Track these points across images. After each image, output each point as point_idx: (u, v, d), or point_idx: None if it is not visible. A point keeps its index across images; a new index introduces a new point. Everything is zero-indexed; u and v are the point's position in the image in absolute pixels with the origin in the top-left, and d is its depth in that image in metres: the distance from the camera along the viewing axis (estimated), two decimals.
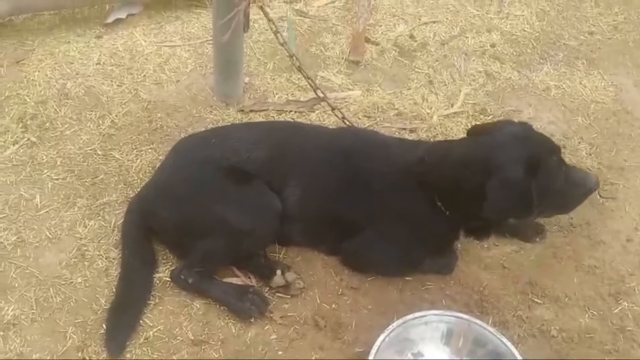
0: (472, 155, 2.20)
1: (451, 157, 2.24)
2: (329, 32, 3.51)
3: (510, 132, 2.23)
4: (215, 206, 2.26)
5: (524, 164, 2.12)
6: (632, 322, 2.35)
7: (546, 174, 2.17)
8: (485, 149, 2.18)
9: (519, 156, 2.13)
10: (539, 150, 2.20)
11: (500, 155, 2.14)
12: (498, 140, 2.20)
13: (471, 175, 2.16)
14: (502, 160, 2.13)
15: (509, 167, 2.12)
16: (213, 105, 3.03)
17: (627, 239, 2.63)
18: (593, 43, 3.62)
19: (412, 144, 2.52)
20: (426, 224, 2.30)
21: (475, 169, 2.16)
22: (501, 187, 2.11)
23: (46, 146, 2.77)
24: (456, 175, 2.19)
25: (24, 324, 2.19)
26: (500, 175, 2.11)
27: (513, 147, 2.16)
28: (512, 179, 2.11)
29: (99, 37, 3.31)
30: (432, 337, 2.15)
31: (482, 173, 2.13)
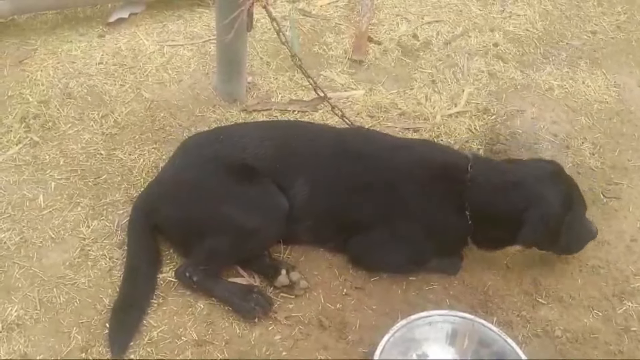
0: (516, 182, 2.30)
1: (498, 177, 2.33)
2: (331, 32, 3.51)
3: (546, 168, 2.40)
4: (222, 205, 2.26)
5: (562, 200, 2.29)
6: (636, 322, 2.35)
7: (575, 212, 2.34)
8: (527, 181, 2.31)
9: (558, 193, 2.30)
10: (572, 190, 2.38)
11: (542, 189, 2.29)
12: (538, 175, 2.34)
13: (512, 202, 2.28)
14: (543, 194, 2.28)
15: (550, 201, 2.27)
16: (216, 105, 3.02)
17: (631, 239, 2.63)
18: (596, 43, 3.61)
19: (442, 149, 2.57)
20: (445, 229, 2.35)
21: (517, 196, 2.28)
22: (539, 219, 2.25)
23: (49, 146, 2.76)
24: (499, 197, 2.30)
25: (27, 325, 2.18)
26: (540, 207, 2.25)
27: (552, 183, 2.33)
28: (551, 213, 2.26)
29: (102, 37, 3.30)
30: (436, 337, 2.15)
31: (522, 202, 2.26)
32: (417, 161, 2.39)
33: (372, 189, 2.34)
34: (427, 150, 2.50)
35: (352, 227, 2.38)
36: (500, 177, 2.33)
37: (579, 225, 2.38)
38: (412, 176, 2.35)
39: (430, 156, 2.44)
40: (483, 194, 2.30)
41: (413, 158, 2.40)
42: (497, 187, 2.30)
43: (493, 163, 2.49)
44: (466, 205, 2.31)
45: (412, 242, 2.36)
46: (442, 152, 2.52)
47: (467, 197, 2.31)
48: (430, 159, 2.41)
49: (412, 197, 2.34)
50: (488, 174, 2.34)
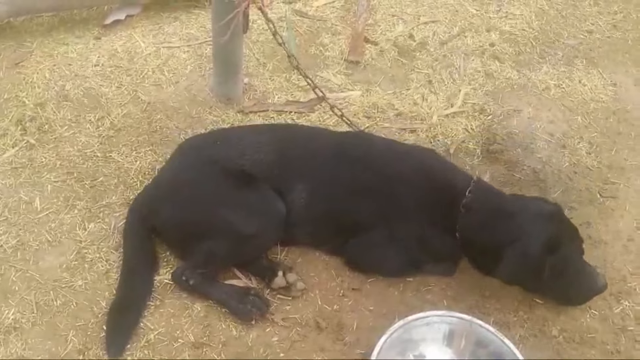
0: (505, 217, 2.27)
1: (490, 209, 2.31)
2: (328, 32, 3.51)
3: (543, 208, 2.33)
4: (220, 208, 2.27)
5: (545, 242, 2.20)
6: (633, 321, 2.35)
7: (562, 258, 2.23)
8: (517, 216, 2.27)
9: (542, 233, 2.22)
10: (563, 234, 2.27)
11: (528, 226, 2.24)
12: (530, 212, 2.29)
13: (497, 235, 2.26)
14: (527, 232, 2.22)
15: (532, 242, 2.20)
16: (212, 106, 3.02)
17: (628, 238, 2.63)
18: (592, 42, 3.61)
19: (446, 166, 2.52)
20: (437, 244, 2.36)
21: (502, 230, 2.26)
22: (516, 256, 2.21)
23: (45, 148, 2.76)
24: (486, 229, 2.28)
25: (24, 328, 2.18)
26: (519, 245, 2.21)
27: (541, 223, 2.25)
28: (529, 253, 2.20)
29: (98, 39, 3.30)
30: (433, 338, 2.15)
31: (505, 237, 2.24)
32: (419, 174, 2.39)
33: (370, 195, 2.35)
34: (431, 164, 2.48)
35: (349, 231, 2.38)
36: (493, 209, 2.31)
37: (575, 272, 2.27)
38: (411, 188, 2.36)
39: (432, 172, 2.42)
40: (473, 222, 2.30)
41: (415, 170, 2.40)
42: (487, 219, 2.28)
43: (492, 194, 2.42)
44: (457, 228, 2.32)
45: (407, 248, 2.37)
46: (445, 169, 2.48)
47: (458, 221, 2.31)
48: (432, 175, 2.41)
49: (409, 208, 2.35)
50: (483, 204, 2.31)
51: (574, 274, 2.27)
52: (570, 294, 2.31)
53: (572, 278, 2.28)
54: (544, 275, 2.21)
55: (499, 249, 2.22)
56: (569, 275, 2.26)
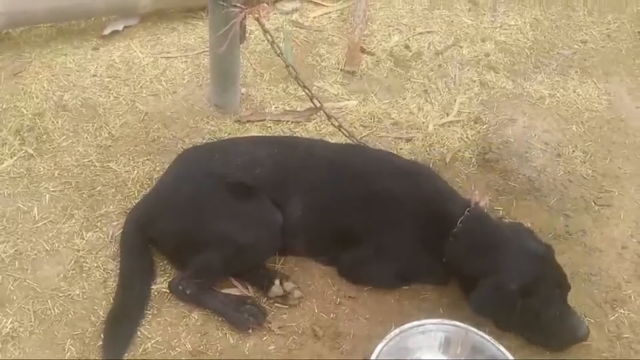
0: (490, 248, 2.27)
1: (478, 241, 2.29)
2: (324, 43, 3.54)
3: (531, 248, 2.29)
4: (217, 219, 2.28)
5: (521, 283, 2.16)
6: (628, 329, 2.36)
7: (537, 303, 2.17)
8: (501, 250, 2.25)
9: (521, 274, 2.18)
10: (543, 279, 2.21)
11: (508, 262, 2.22)
12: (516, 249, 2.26)
13: (477, 266, 2.24)
14: (506, 268, 2.20)
15: (507, 277, 2.17)
16: (210, 116, 3.04)
17: (623, 246, 2.64)
18: (586, 52, 3.65)
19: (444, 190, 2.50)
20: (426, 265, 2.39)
21: (483, 262, 2.24)
22: (489, 288, 2.19)
23: (43, 158, 2.78)
24: (469, 259, 2.28)
25: (22, 337, 2.19)
26: (494, 278, 2.18)
27: (523, 263, 2.22)
28: (502, 288, 2.16)
29: (96, 49, 3.32)
30: (429, 345, 2.16)
31: (485, 267, 2.22)
32: (415, 195, 2.40)
33: (364, 210, 2.37)
34: (429, 186, 2.47)
35: (344, 243, 2.40)
36: (480, 241, 2.29)
37: (553, 319, 2.19)
38: (406, 208, 2.37)
39: (429, 195, 2.42)
40: (458, 252, 2.30)
41: (411, 190, 2.41)
42: (472, 250, 2.28)
43: (484, 225, 2.36)
44: (445, 252, 2.33)
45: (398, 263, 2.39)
46: (443, 193, 2.46)
47: (445, 249, 2.32)
48: (428, 199, 2.41)
49: (402, 226, 2.37)
50: (471, 236, 2.30)
51: (553, 320, 2.20)
52: (548, 340, 2.24)
53: (551, 324, 2.20)
54: (514, 315, 2.16)
55: (476, 279, 2.21)
56: (547, 320, 2.19)
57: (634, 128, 3.22)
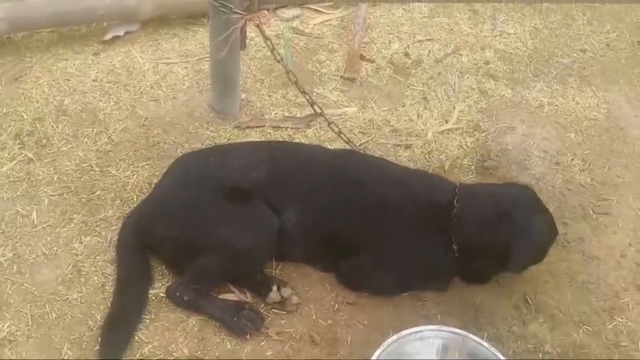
0: (500, 214, 2.32)
1: (482, 210, 2.34)
2: (324, 50, 3.55)
3: (526, 195, 2.45)
4: (214, 224, 2.28)
5: (547, 227, 2.37)
6: (626, 337, 2.36)
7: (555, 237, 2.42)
8: (513, 210, 2.33)
9: (544, 225, 2.37)
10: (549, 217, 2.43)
11: (530, 218, 2.34)
12: (521, 204, 2.38)
13: (499, 234, 2.30)
14: (531, 224, 2.33)
15: (538, 232, 2.34)
16: (210, 122, 3.05)
17: (621, 254, 2.64)
18: (585, 60, 3.66)
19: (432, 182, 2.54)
20: (431, 263, 2.37)
21: (504, 228, 2.30)
22: (527, 248, 2.32)
23: (43, 162, 2.78)
24: (485, 231, 2.31)
25: (19, 341, 2.19)
26: (529, 237, 2.30)
27: (537, 213, 2.38)
28: (539, 242, 2.36)
29: (97, 55, 3.33)
30: (427, 352, 2.15)
31: (509, 233, 2.29)
32: (406, 195, 2.41)
33: (361, 216, 2.37)
34: (418, 182, 2.50)
35: (342, 251, 2.40)
36: (485, 209, 2.34)
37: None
38: (402, 211, 2.37)
39: (421, 190, 2.44)
40: (469, 229, 2.32)
41: (403, 191, 2.42)
42: (483, 221, 2.31)
43: (477, 196, 2.43)
44: (453, 240, 2.34)
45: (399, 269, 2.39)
46: (432, 184, 2.50)
47: (454, 232, 2.33)
48: (421, 194, 2.42)
49: (401, 230, 2.37)
50: (473, 207, 2.34)
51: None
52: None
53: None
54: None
55: (503, 246, 2.27)
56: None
57: (633, 137, 3.23)
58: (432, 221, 2.35)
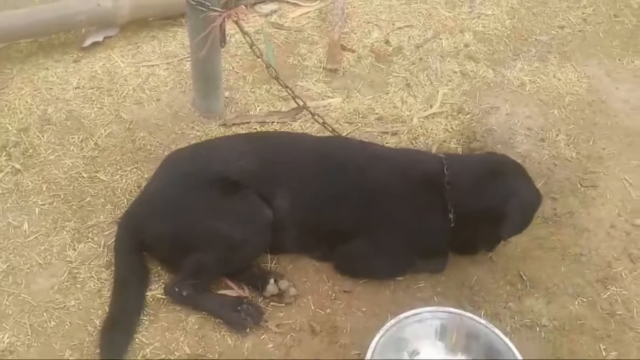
0: (491, 176, 2.38)
1: (473, 174, 2.39)
2: (305, 42, 3.55)
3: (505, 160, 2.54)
4: (207, 218, 2.28)
5: (535, 190, 2.46)
6: (621, 306, 2.39)
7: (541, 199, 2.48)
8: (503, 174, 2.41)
9: (533, 189, 2.46)
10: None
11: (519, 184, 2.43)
12: (508, 167, 2.48)
13: (494, 195, 2.35)
14: (522, 189, 2.41)
15: (529, 196, 2.41)
16: (195, 122, 3.05)
17: (611, 225, 2.68)
18: (564, 37, 3.70)
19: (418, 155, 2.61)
20: (429, 235, 2.39)
21: (497, 190, 2.36)
22: (518, 212, 2.36)
23: (31, 172, 2.77)
24: (481, 193, 2.35)
25: (20, 351, 2.18)
26: (520, 201, 2.36)
27: (525, 179, 2.46)
28: (529, 207, 2.41)
29: (77, 62, 3.31)
30: (426, 334, 2.17)
31: (504, 193, 2.35)
32: (395, 171, 2.42)
33: (353, 199, 2.38)
34: (404, 158, 2.53)
35: (336, 237, 2.41)
36: (477, 173, 2.39)
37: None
38: (392, 187, 2.39)
39: (408, 164, 2.47)
40: (464, 192, 2.35)
41: (392, 168, 2.43)
42: (476, 183, 2.35)
43: (464, 160, 2.55)
44: (449, 208, 2.35)
45: (396, 249, 2.40)
46: (418, 158, 2.55)
47: (449, 199, 2.35)
48: (408, 168, 2.44)
49: (394, 207, 2.37)
50: (465, 172, 2.38)
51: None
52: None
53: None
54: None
55: (498, 208, 2.31)
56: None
57: (615, 109, 3.27)
58: (425, 192, 2.37)
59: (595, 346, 2.27)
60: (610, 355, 2.25)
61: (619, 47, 3.66)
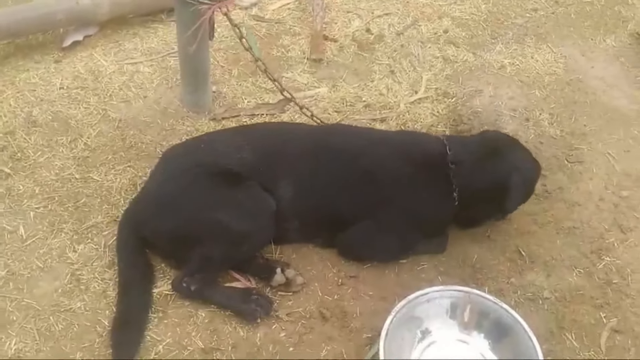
0: (493, 153, 2.44)
1: (475, 152, 2.44)
2: (287, 34, 3.56)
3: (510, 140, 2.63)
4: (211, 210, 2.28)
5: (533, 160, 2.54)
6: (617, 275, 2.48)
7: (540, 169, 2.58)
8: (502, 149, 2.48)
9: (528, 155, 2.56)
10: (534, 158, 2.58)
11: (520, 158, 2.50)
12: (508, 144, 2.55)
13: (497, 171, 2.41)
14: (522, 163, 2.48)
15: (526, 170, 2.48)
16: (184, 117, 3.03)
17: (599, 198, 2.77)
18: (538, 19, 3.79)
19: (419, 136, 2.66)
20: (432, 214, 2.42)
21: (500, 165, 2.43)
22: (520, 186, 2.43)
23: (21, 176, 2.71)
24: (485, 170, 2.41)
25: (29, 356, 2.15)
26: (522, 170, 2.43)
27: (524, 153, 2.55)
28: (530, 180, 2.50)
29: (58, 62, 3.25)
30: (437, 313, 2.22)
31: (506, 169, 2.41)
32: (399, 153, 2.44)
33: (355, 184, 2.39)
34: (406, 140, 2.57)
35: (340, 222, 2.43)
36: (480, 150, 2.44)
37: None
38: (396, 169, 2.41)
39: (410, 146, 2.50)
40: (468, 170, 2.39)
41: (394, 150, 2.46)
42: (479, 162, 2.41)
43: (464, 139, 2.62)
44: (454, 187, 2.40)
45: (400, 231, 2.43)
46: (419, 139, 2.60)
47: (454, 177, 2.39)
48: (411, 149, 2.47)
49: (398, 189, 2.40)
50: (466, 151, 2.43)
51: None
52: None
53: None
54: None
55: (502, 183, 2.38)
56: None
57: (592, 87, 3.37)
58: (429, 173, 2.41)
59: (596, 314, 2.36)
60: (610, 322, 2.34)
61: (591, 27, 3.77)
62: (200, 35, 2.67)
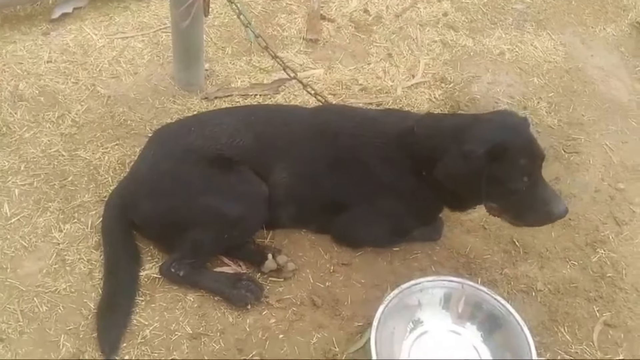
0: (452, 127, 2.24)
1: (437, 127, 2.27)
2: (283, 12, 3.47)
3: (501, 119, 2.26)
4: (202, 195, 2.22)
5: (487, 147, 2.09)
6: (611, 268, 2.46)
7: (503, 167, 2.11)
8: (465, 125, 2.22)
9: (487, 139, 2.12)
10: (512, 145, 2.12)
11: (473, 132, 2.17)
12: (483, 120, 2.24)
13: (444, 144, 2.18)
14: (470, 136, 2.15)
15: (472, 143, 2.12)
16: (176, 95, 2.95)
17: (595, 189, 2.74)
18: (539, 5, 3.73)
19: (400, 115, 2.52)
20: (413, 195, 2.32)
21: (449, 138, 2.19)
22: (456, 156, 2.14)
23: (6, 152, 2.64)
24: (434, 143, 2.23)
25: (12, 338, 2.10)
26: (460, 146, 2.14)
27: (489, 131, 2.17)
28: (467, 153, 2.11)
29: (46, 34, 3.15)
30: (429, 302, 2.18)
31: (452, 143, 2.16)
32: (377, 134, 2.35)
33: (344, 167, 2.34)
34: (386, 120, 2.44)
35: (333, 207, 2.38)
36: (437, 128, 2.27)
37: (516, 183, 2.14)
38: (375, 150, 2.32)
39: (388, 126, 2.38)
40: (423, 148, 2.24)
41: (374, 131, 2.36)
42: (431, 137, 2.24)
43: (437, 117, 2.44)
44: (421, 166, 2.27)
45: (392, 214, 2.38)
46: (398, 119, 2.43)
47: (416, 155, 2.26)
48: (388, 129, 2.36)
49: (379, 170, 2.33)
50: (427, 130, 2.27)
51: (527, 194, 2.15)
52: (522, 214, 2.21)
53: (525, 197, 2.15)
54: (481, 183, 2.11)
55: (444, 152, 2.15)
56: (518, 192, 2.15)
57: (591, 76, 3.33)
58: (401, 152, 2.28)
59: (589, 308, 2.34)
60: (603, 316, 2.32)
61: (591, 15, 3.72)
62: (195, 10, 2.59)
